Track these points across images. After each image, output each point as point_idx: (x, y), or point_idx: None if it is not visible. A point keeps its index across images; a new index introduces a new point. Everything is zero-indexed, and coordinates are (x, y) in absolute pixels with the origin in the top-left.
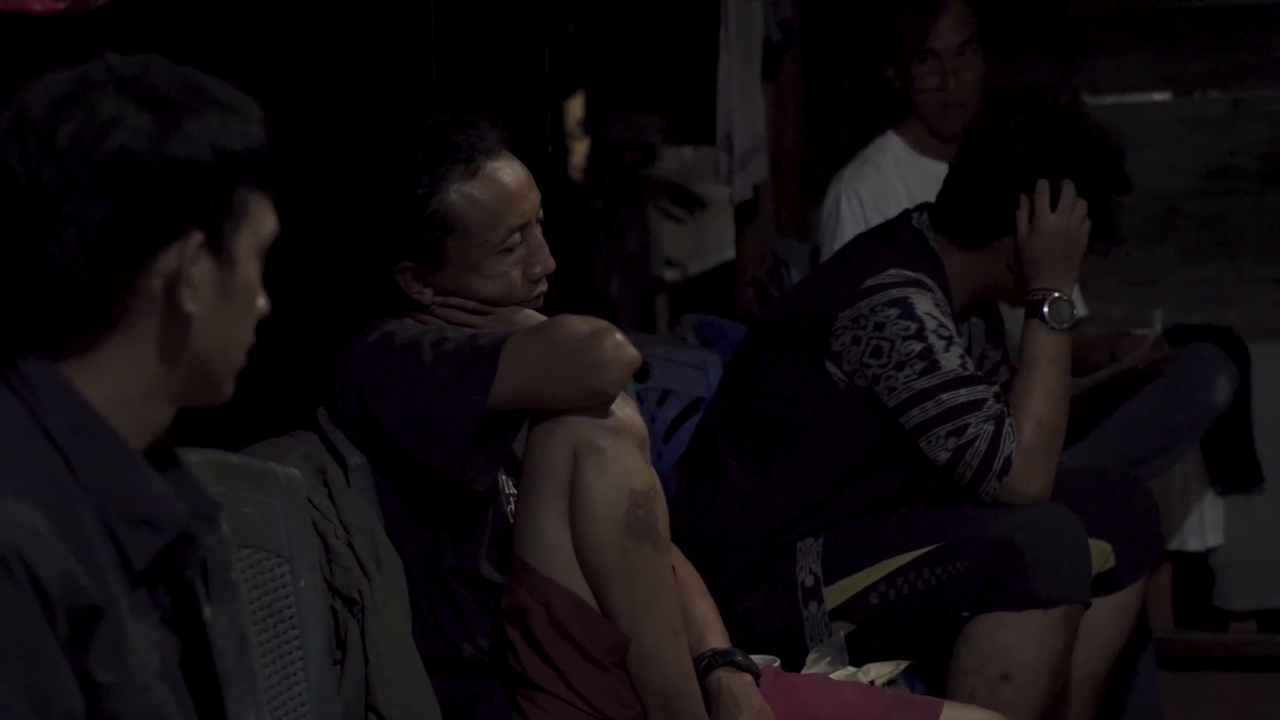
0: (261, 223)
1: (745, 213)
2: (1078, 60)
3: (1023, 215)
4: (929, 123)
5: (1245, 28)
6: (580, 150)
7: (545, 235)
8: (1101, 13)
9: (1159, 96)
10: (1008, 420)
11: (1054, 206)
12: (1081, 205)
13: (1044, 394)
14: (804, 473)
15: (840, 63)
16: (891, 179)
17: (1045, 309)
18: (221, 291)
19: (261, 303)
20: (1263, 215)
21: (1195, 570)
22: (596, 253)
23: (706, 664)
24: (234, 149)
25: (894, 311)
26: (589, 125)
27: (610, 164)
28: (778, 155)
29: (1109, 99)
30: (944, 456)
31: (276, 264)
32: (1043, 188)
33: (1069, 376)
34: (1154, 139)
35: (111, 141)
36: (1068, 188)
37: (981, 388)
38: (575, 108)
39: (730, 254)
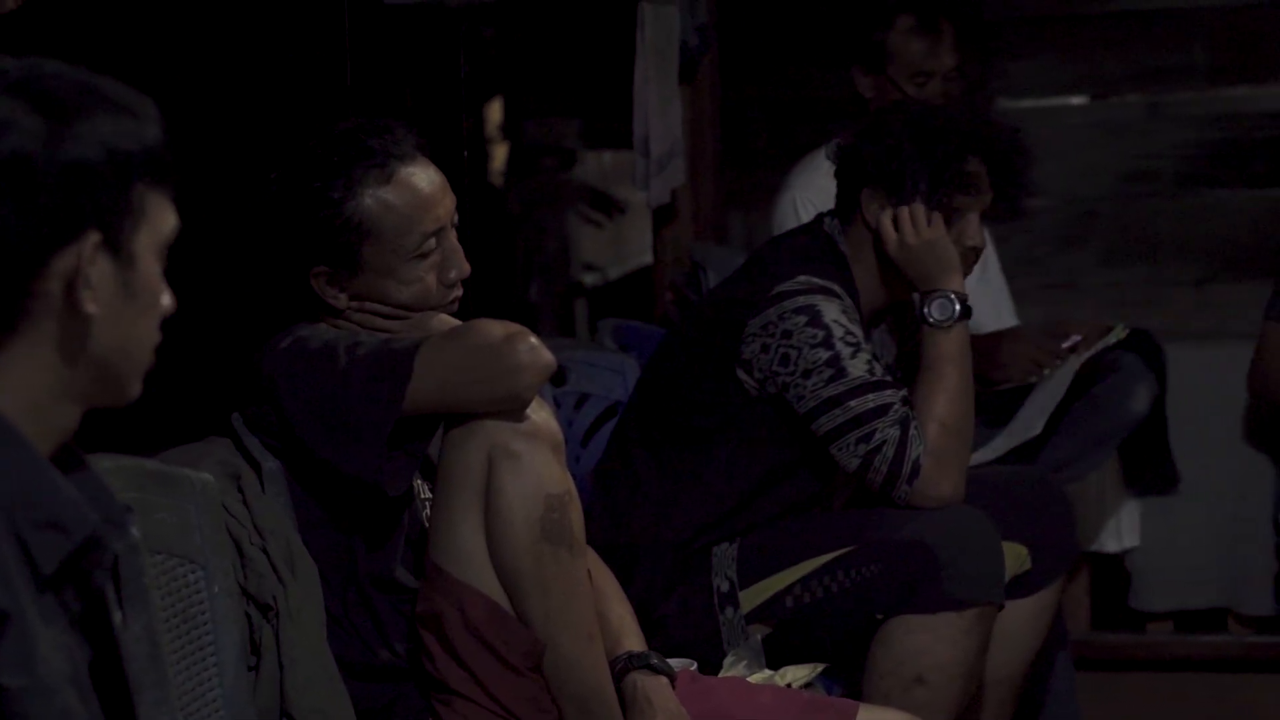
0: (161, 221)
1: (663, 217)
2: (994, 64)
3: (886, 230)
4: None
5: (1162, 31)
6: (499, 155)
7: (462, 240)
8: (1018, 16)
9: (1076, 100)
10: (913, 424)
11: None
12: (937, 216)
13: (944, 394)
14: (718, 479)
15: (757, 68)
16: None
17: (925, 309)
18: (122, 291)
19: (166, 300)
20: (1180, 218)
21: (1112, 572)
22: (515, 257)
23: (622, 667)
24: (128, 148)
25: (801, 319)
26: (507, 130)
27: (529, 168)
28: (695, 160)
29: (1026, 102)
30: (855, 463)
31: (191, 268)
32: (903, 214)
33: (969, 372)
34: (1072, 143)
35: (3, 145)
36: (904, 213)
37: (889, 392)
38: (494, 112)
39: (649, 258)
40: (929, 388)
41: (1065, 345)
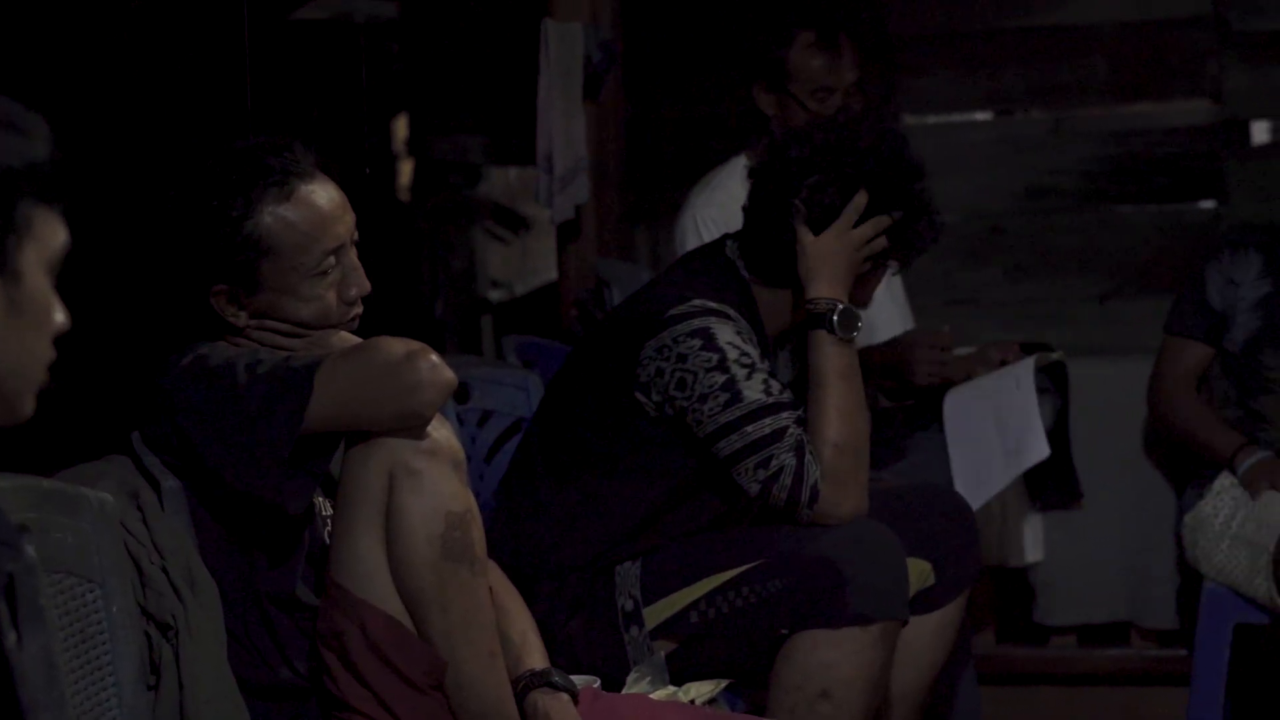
0: (49, 237)
1: (567, 233)
2: (899, 80)
3: (801, 228)
4: None
5: (1065, 47)
6: (405, 171)
7: (368, 256)
8: (922, 33)
9: (980, 116)
10: (808, 449)
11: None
12: (865, 222)
13: (837, 414)
14: (621, 498)
15: (662, 84)
16: (740, 202)
17: (835, 318)
18: (9, 308)
19: (59, 318)
20: (1083, 234)
21: (1016, 586)
22: (422, 273)
23: (524, 685)
24: (11, 165)
25: (696, 342)
26: (413, 146)
27: (435, 184)
28: (599, 176)
29: (931, 119)
30: (755, 489)
31: (90, 286)
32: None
33: (860, 387)
34: (976, 158)
35: None
36: (855, 200)
37: (785, 414)
38: (400, 128)
39: (555, 274)
40: (820, 407)
41: (997, 356)
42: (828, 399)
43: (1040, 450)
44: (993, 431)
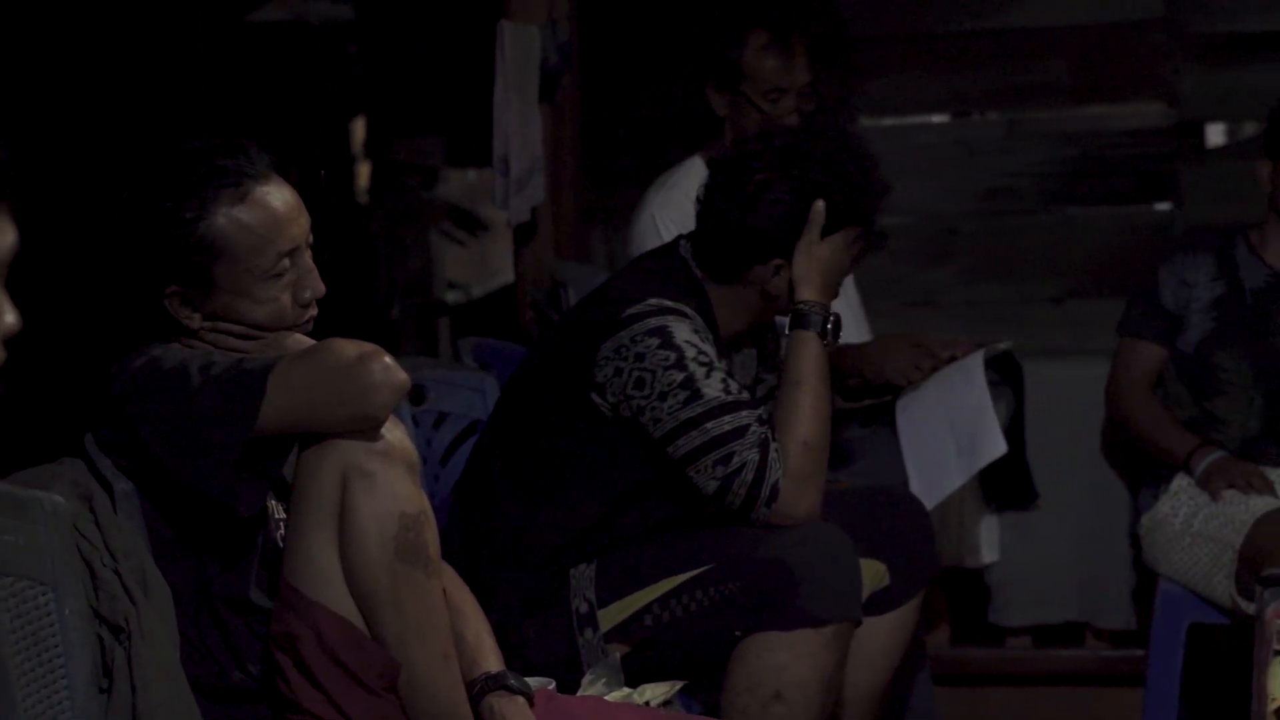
0: None
1: (524, 235)
2: (855, 82)
3: (802, 236)
4: None
5: (1022, 50)
6: (363, 173)
7: (325, 259)
8: (880, 34)
9: (937, 118)
10: (773, 446)
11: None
12: (850, 232)
13: (812, 413)
14: (576, 501)
15: (619, 86)
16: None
17: (829, 325)
18: None
19: (10, 319)
20: (1039, 236)
21: (972, 587)
22: (379, 275)
23: (479, 688)
24: None
25: (654, 341)
26: (371, 148)
27: (392, 186)
28: (556, 178)
29: (888, 120)
30: (713, 486)
31: (41, 287)
32: (818, 209)
33: (829, 389)
34: (932, 160)
35: None
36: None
37: (745, 413)
38: (358, 130)
39: (512, 276)
40: (797, 404)
41: (945, 354)
42: (804, 398)
43: (996, 446)
44: (945, 430)
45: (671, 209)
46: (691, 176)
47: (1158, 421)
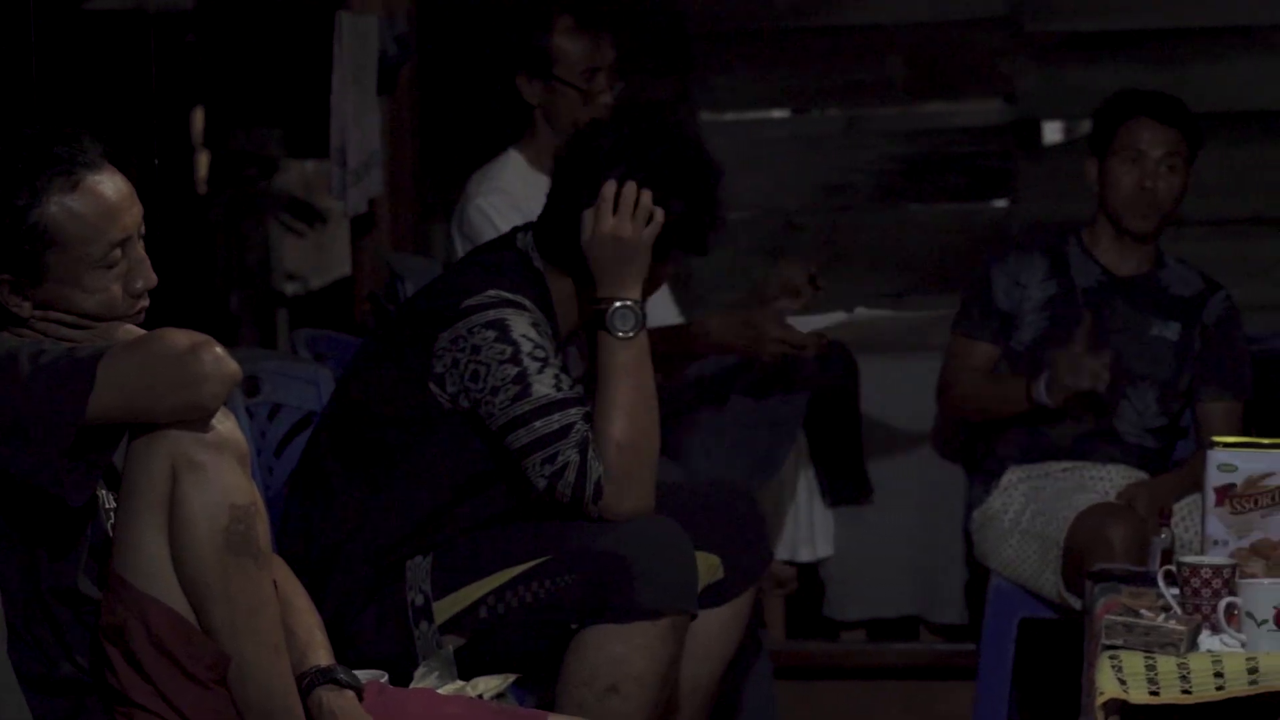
0: None
1: (361, 227)
2: (696, 77)
3: (588, 218)
4: None
5: (862, 47)
6: (202, 163)
7: (164, 249)
8: (720, 30)
9: (778, 113)
10: (592, 446)
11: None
12: (645, 210)
13: (621, 412)
14: (412, 492)
15: (457, 77)
16: (517, 197)
17: (611, 319)
18: None
19: None
20: (876, 231)
21: (807, 581)
22: (217, 266)
23: (309, 681)
24: None
25: (491, 334)
26: (210, 138)
27: (231, 177)
28: (394, 169)
29: (729, 115)
30: (541, 484)
31: None
32: (607, 191)
33: (649, 383)
34: (772, 156)
35: None
36: (628, 191)
37: (573, 410)
38: (196, 120)
39: (350, 268)
40: (606, 405)
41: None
42: (611, 396)
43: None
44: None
45: (498, 196)
46: (505, 168)
47: (986, 381)
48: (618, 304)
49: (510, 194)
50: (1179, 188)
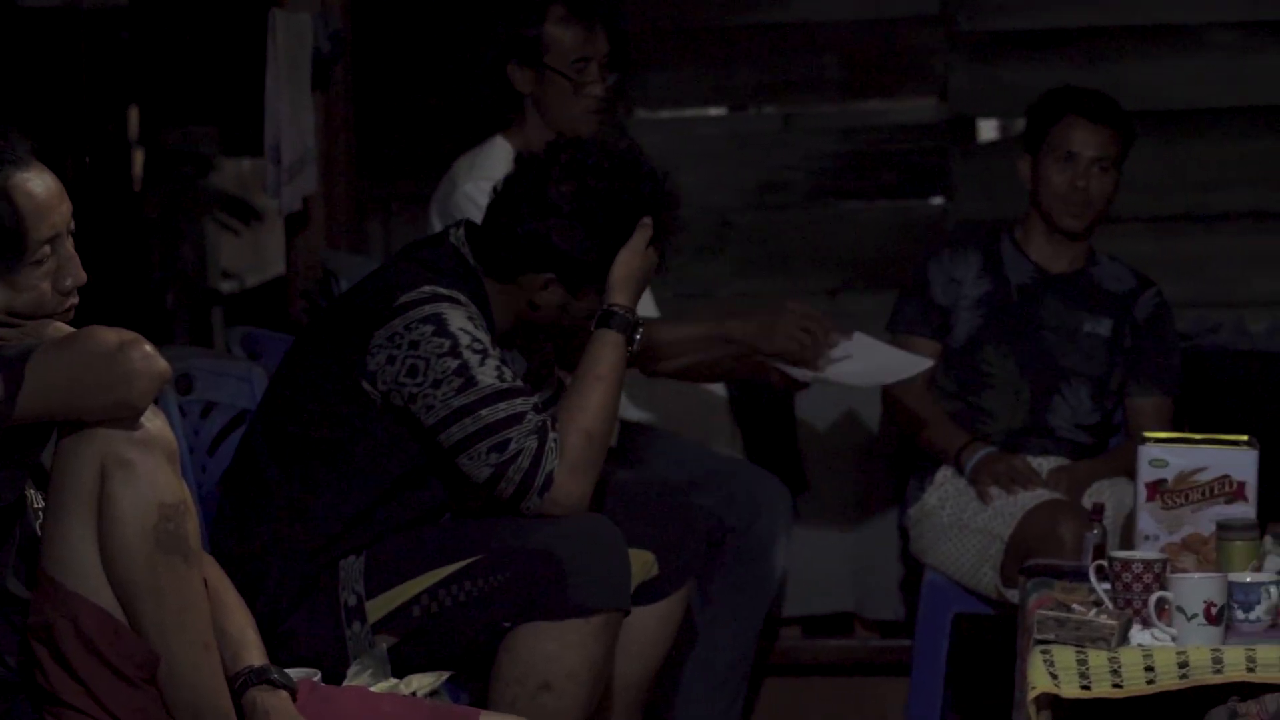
0: None
1: (295, 225)
2: (631, 74)
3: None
4: (577, 129)
5: (796, 44)
6: (137, 160)
7: (99, 247)
8: (655, 27)
9: (713, 111)
10: (551, 435)
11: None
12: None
13: (602, 407)
14: (344, 490)
15: (392, 74)
16: None
17: (636, 334)
18: None
19: None
20: (812, 229)
21: None
22: (152, 264)
23: (243, 682)
24: None
25: (428, 329)
26: (144, 135)
27: (166, 175)
28: (328, 167)
29: (664, 113)
30: (486, 473)
31: None
32: (645, 224)
33: (619, 389)
34: (707, 153)
35: None
36: (644, 229)
37: (520, 400)
38: (131, 117)
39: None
40: (587, 397)
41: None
42: (596, 391)
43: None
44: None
45: (486, 183)
46: (491, 156)
47: (930, 417)
48: (640, 320)
49: (495, 181)
50: (1111, 186)
